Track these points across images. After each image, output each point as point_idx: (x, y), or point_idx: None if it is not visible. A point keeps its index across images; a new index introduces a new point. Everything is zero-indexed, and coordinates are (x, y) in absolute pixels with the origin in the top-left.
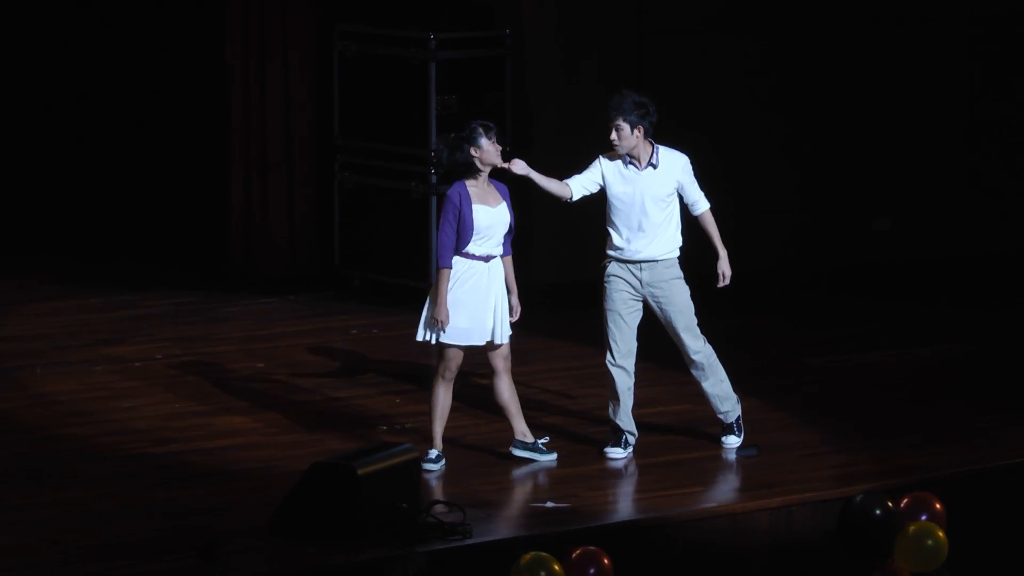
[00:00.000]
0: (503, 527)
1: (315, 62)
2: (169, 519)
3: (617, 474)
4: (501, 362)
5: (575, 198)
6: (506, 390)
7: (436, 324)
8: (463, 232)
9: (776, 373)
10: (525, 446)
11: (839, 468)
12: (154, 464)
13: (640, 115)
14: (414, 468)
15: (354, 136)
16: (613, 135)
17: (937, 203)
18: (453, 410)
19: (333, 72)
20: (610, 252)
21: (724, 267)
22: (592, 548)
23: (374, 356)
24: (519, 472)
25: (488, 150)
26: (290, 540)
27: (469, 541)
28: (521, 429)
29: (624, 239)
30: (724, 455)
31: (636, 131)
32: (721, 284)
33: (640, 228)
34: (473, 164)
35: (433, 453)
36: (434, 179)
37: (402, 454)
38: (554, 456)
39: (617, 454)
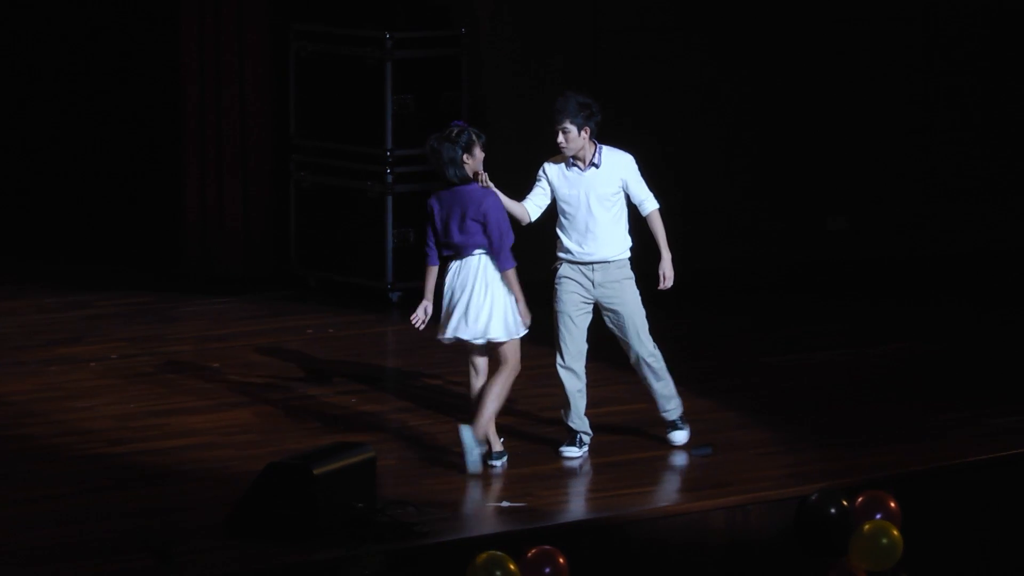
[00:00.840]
0: (459, 526)
1: (271, 61)
2: (125, 519)
3: (572, 473)
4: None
5: (533, 219)
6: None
7: (527, 318)
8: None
9: (731, 372)
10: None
11: (795, 467)
12: (109, 464)
13: (586, 116)
14: (370, 468)
15: (310, 135)
16: (560, 138)
17: (892, 202)
18: (409, 409)
19: (289, 71)
20: (561, 255)
21: (666, 268)
22: (548, 547)
23: (330, 356)
24: (475, 475)
25: (479, 160)
26: (246, 540)
27: (425, 541)
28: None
29: (574, 242)
30: (680, 454)
31: (583, 132)
32: (662, 286)
33: (588, 230)
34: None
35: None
36: (390, 179)
37: (358, 453)
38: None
39: (572, 453)
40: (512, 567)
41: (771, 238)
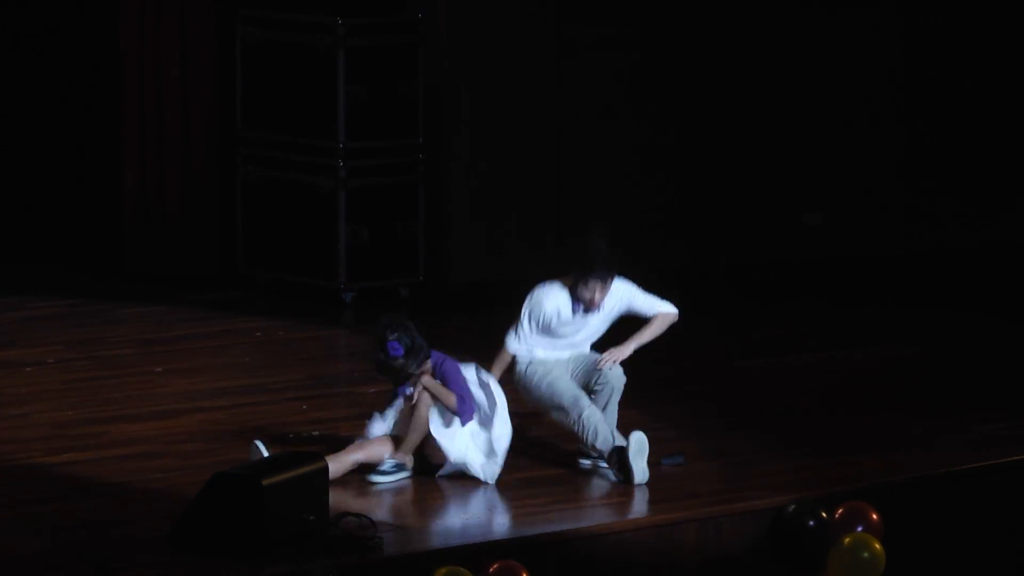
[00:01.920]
0: (416, 540)
1: (216, 48)
2: (61, 533)
3: (536, 484)
4: None
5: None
6: None
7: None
8: None
9: (703, 377)
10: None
11: (770, 477)
12: (45, 475)
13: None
14: (322, 478)
15: (258, 127)
16: (599, 294)
17: (868, 198)
18: (363, 416)
19: (236, 59)
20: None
21: (618, 352)
22: (510, 562)
23: (279, 361)
24: (432, 484)
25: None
26: (191, 555)
27: (380, 555)
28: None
29: (546, 354)
30: (651, 465)
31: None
32: (602, 363)
33: (567, 349)
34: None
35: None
36: (343, 173)
37: (309, 464)
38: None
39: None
40: None
41: (741, 236)
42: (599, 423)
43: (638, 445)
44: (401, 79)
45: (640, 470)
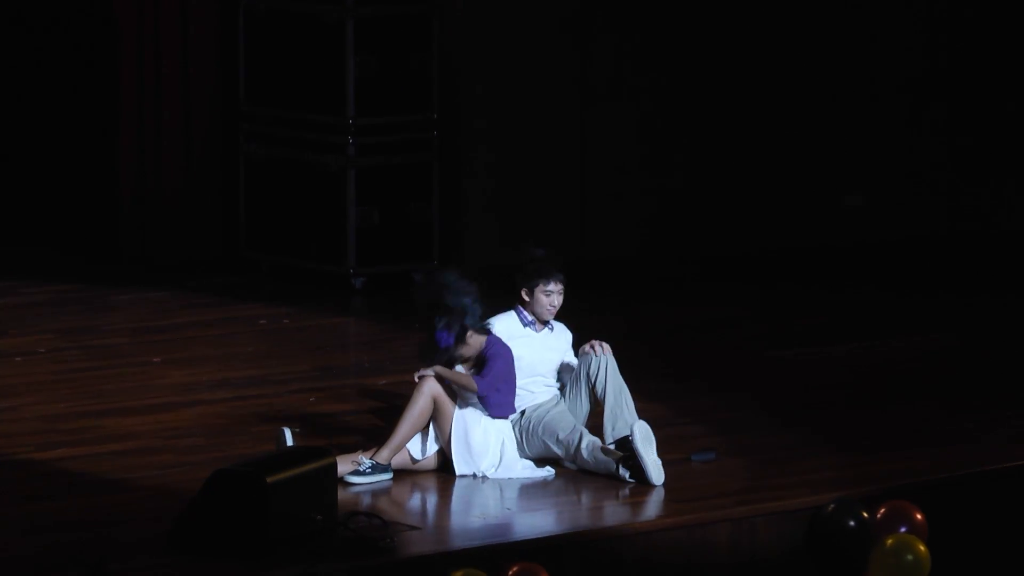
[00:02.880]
0: (431, 541)
1: (218, 19)
2: (54, 533)
3: (558, 482)
4: None
5: None
6: None
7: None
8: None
9: (734, 369)
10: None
11: (807, 474)
12: (36, 471)
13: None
14: (330, 475)
15: (262, 103)
16: (557, 300)
17: (911, 179)
18: (374, 410)
19: (239, 30)
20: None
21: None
22: (530, 564)
23: (285, 350)
24: (447, 481)
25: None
26: (191, 556)
27: (392, 556)
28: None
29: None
30: (678, 460)
31: None
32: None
33: (536, 383)
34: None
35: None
36: (353, 150)
37: (317, 459)
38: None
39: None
40: None
41: (775, 220)
42: (595, 450)
43: (643, 434)
44: (414, 51)
45: (652, 462)
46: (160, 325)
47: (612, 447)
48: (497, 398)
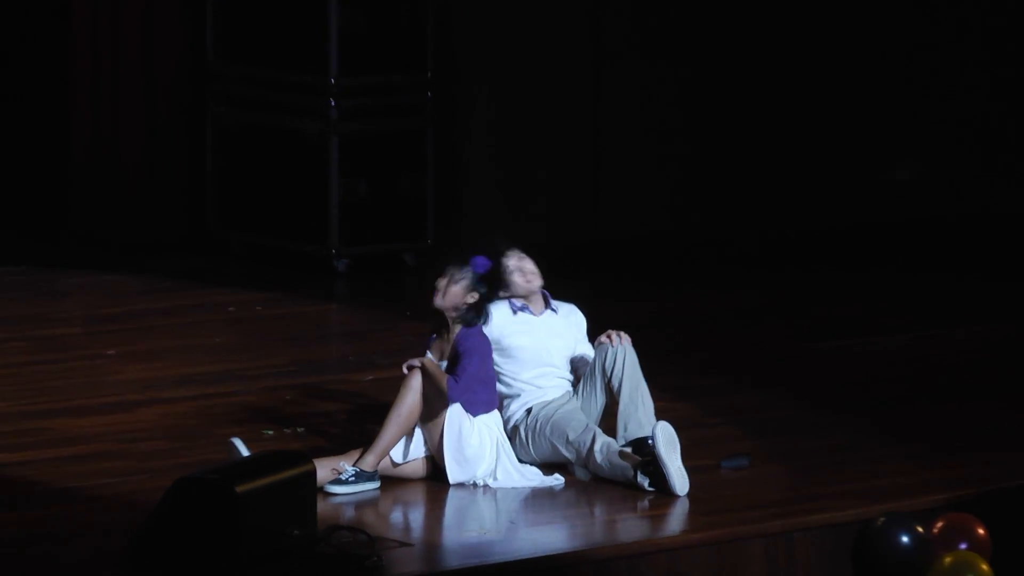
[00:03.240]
0: (420, 560)
1: None
2: None
3: (571, 494)
4: None
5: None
6: None
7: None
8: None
9: (769, 362)
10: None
11: (854, 483)
12: None
13: None
14: (309, 484)
15: (233, 60)
16: (529, 265)
17: (963, 151)
18: (359, 409)
19: None
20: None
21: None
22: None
23: (257, 341)
24: (440, 492)
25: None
26: (151, 574)
27: None
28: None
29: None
30: (708, 468)
31: None
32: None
33: (542, 374)
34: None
35: None
36: (335, 114)
37: (294, 466)
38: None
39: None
40: None
41: (814, 197)
42: (610, 453)
43: (666, 437)
44: (405, 2)
45: (676, 469)
46: (116, 313)
47: (628, 450)
48: (474, 398)
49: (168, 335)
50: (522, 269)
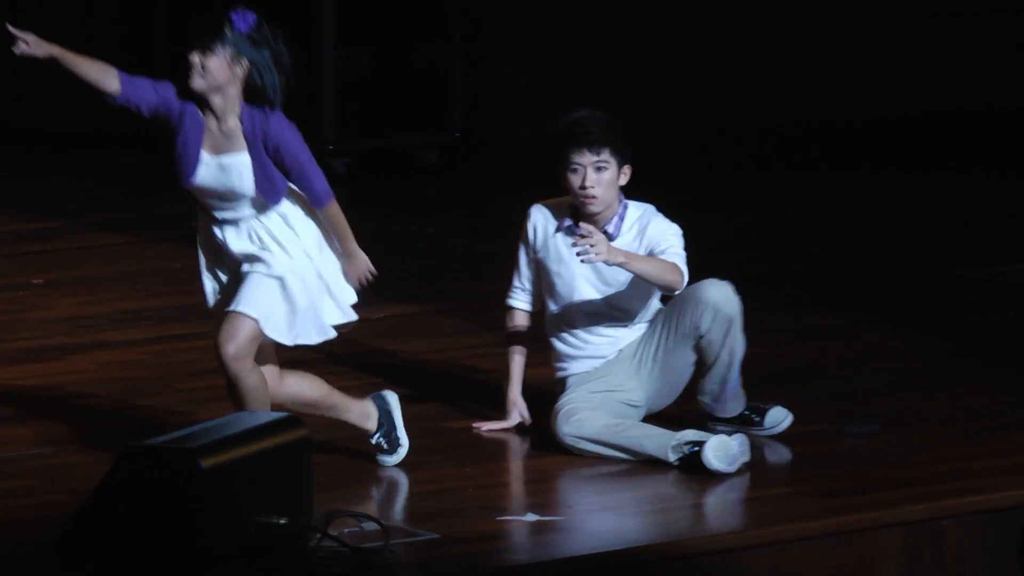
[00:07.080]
0: (449, 553)
1: None
2: None
3: (634, 472)
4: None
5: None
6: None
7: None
8: None
9: (900, 295)
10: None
11: (1019, 455)
12: None
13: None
14: (301, 457)
15: None
16: (593, 180)
17: None
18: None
19: None
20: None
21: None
22: None
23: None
24: (462, 467)
25: None
26: (90, 570)
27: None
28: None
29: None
30: (828, 435)
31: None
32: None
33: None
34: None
35: None
36: None
37: (280, 433)
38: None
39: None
40: None
41: (949, 74)
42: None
43: (721, 450)
44: None
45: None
46: (43, 229)
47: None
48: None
49: (111, 258)
50: (581, 183)
